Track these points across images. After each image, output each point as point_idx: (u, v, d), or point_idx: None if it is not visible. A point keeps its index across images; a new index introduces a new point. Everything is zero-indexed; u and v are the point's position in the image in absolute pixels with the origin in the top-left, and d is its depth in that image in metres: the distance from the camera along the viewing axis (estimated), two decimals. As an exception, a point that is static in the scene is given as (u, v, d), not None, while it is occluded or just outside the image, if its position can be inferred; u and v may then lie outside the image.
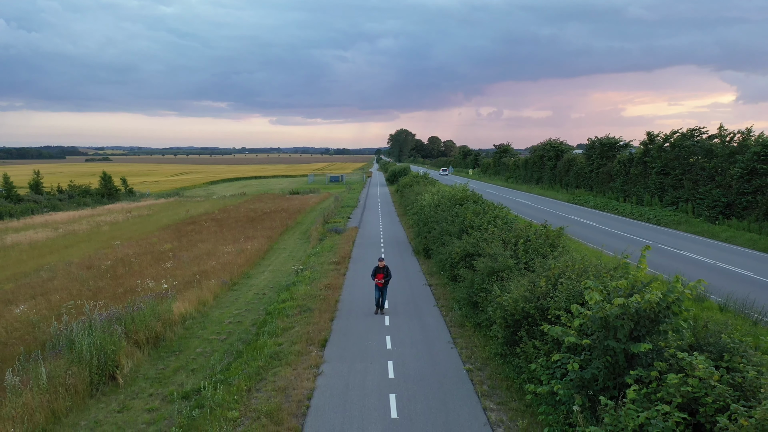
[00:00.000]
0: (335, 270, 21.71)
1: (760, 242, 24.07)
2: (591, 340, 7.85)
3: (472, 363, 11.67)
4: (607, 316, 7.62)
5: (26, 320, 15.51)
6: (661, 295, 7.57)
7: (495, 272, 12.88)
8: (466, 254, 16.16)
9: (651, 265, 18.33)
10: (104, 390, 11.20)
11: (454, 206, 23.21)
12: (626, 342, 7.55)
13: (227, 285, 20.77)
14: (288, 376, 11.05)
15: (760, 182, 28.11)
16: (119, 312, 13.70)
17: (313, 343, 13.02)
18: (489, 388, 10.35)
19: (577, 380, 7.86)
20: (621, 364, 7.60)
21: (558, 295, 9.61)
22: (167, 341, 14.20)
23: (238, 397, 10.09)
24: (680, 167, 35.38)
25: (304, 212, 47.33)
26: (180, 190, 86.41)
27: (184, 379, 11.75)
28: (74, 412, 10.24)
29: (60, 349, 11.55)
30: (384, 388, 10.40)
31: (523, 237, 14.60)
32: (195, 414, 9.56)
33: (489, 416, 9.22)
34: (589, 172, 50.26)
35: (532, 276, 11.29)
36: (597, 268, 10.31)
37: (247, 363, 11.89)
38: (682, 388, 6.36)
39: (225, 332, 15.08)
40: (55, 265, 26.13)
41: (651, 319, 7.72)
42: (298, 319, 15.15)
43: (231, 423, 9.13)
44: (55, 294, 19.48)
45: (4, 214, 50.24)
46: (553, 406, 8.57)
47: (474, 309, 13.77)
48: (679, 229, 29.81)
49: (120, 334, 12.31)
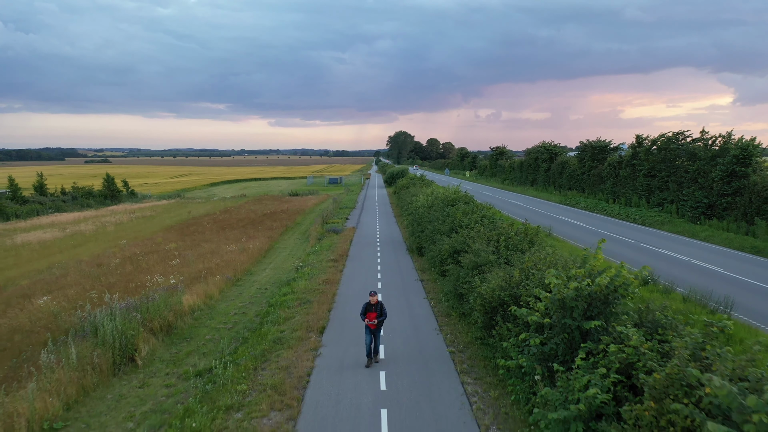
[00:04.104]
0: (333, 267, 23.02)
1: (735, 241, 25.42)
2: (552, 320, 9.17)
3: (455, 346, 12.99)
4: (564, 297, 8.93)
5: (48, 311, 16.78)
6: (609, 280, 8.89)
7: (478, 266, 14.20)
8: (454, 251, 17.48)
9: (629, 262, 19.74)
10: (125, 370, 12.48)
11: (446, 207, 24.52)
12: (580, 320, 8.87)
13: (231, 281, 22.06)
14: (290, 357, 12.36)
15: (738, 184, 29.48)
16: (135, 302, 14.99)
17: (312, 330, 14.32)
18: (468, 367, 11.66)
19: (539, 354, 9.17)
20: (576, 339, 8.91)
21: (529, 284, 10.92)
22: (178, 329, 15.49)
23: (246, 374, 11.39)
24: (666, 170, 36.74)
25: (303, 213, 48.63)
26: (181, 192, 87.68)
27: (196, 360, 13.03)
28: (100, 387, 11.54)
29: (86, 333, 12.84)
30: (375, 367, 11.69)
31: (505, 234, 15.91)
32: (208, 388, 10.87)
33: (466, 388, 10.55)
34: (581, 174, 51.62)
35: (509, 269, 12.61)
36: (565, 260, 11.62)
37: (253, 347, 13.19)
38: (619, 355, 7.68)
39: (231, 322, 16.37)
40: (66, 263, 27.40)
41: (602, 301, 9.03)
42: (298, 309, 16.45)
43: (241, 394, 10.44)
44: (70, 289, 20.75)
45: (10, 215, 51.50)
46: (520, 378, 9.89)
47: (459, 300, 15.08)
48: (662, 229, 31.16)
49: (138, 321, 13.61)
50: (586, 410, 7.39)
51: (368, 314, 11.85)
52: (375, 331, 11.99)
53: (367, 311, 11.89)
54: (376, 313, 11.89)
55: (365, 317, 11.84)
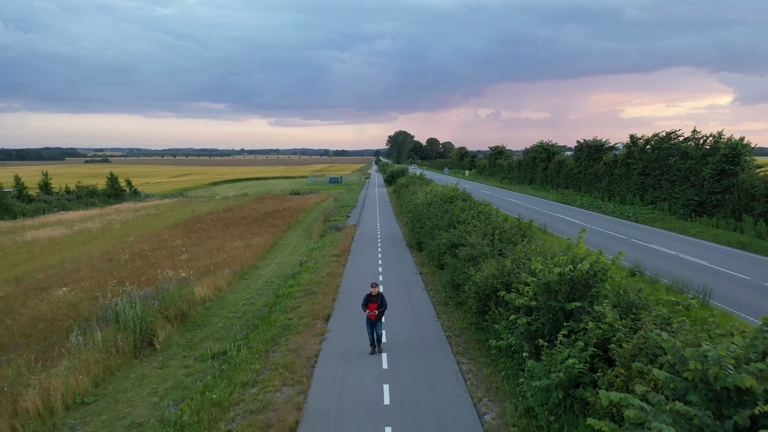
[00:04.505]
0: (336, 261, 23.97)
1: (723, 237, 26.39)
2: (538, 302, 10.12)
3: (451, 332, 13.94)
4: (549, 282, 9.88)
5: (67, 301, 17.74)
6: (589, 266, 9.84)
7: (473, 258, 15.15)
8: (452, 245, 18.43)
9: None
10: (145, 353, 13.44)
11: (445, 204, 25.48)
12: (564, 302, 9.82)
13: (238, 274, 23.01)
14: (298, 341, 13.31)
15: (728, 182, 30.45)
16: (152, 292, 15.94)
17: (318, 318, 15.28)
18: (463, 349, 12.62)
19: (527, 333, 10.12)
20: (560, 319, 9.86)
21: (519, 272, 11.87)
22: (191, 318, 16.45)
23: (258, 356, 12.34)
24: (659, 168, 37.70)
25: (305, 211, 49.59)
26: (183, 191, 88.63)
27: (211, 345, 13.98)
28: (124, 368, 12.50)
29: (108, 319, 13.80)
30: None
31: (499, 228, 16.86)
32: (224, 367, 11.84)
33: (461, 367, 11.51)
34: (577, 173, 52.59)
35: (502, 260, 13.56)
36: (553, 251, 12.58)
37: (264, 332, 14.15)
38: (596, 332, 8.63)
39: (241, 311, 17.32)
40: (77, 259, 28.36)
41: (583, 284, 9.98)
42: (304, 300, 17.40)
43: (254, 372, 11.40)
44: (85, 282, 21.71)
45: (18, 214, 52.46)
46: (510, 357, 10.85)
47: (456, 290, 16.03)
48: (654, 225, 32.13)
49: (156, 308, 14.57)
50: (566, 379, 8.34)
51: (369, 305, 12.13)
52: (375, 321, 12.28)
53: (369, 302, 12.15)
54: (377, 304, 12.13)
55: (366, 308, 12.15)
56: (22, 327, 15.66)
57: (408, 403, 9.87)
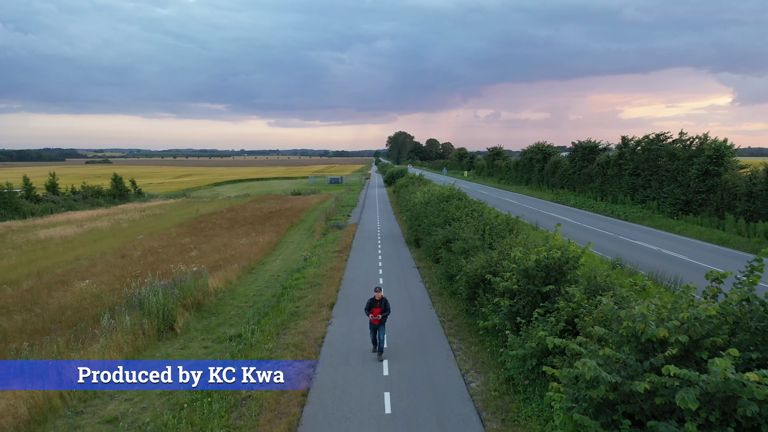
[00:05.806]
0: (338, 256, 25.40)
1: (705, 234, 27.84)
2: (519, 286, 11.54)
3: (444, 317, 15.38)
4: (527, 268, 11.30)
5: (90, 292, 19.15)
6: (561, 253, 11.26)
7: (465, 251, 16.58)
8: (446, 240, 19.85)
9: (606, 252, 22.09)
10: (167, 336, 14.86)
11: (441, 202, 26.92)
12: (540, 286, 11.24)
13: (246, 269, 24.43)
14: (306, 325, 14.74)
15: (712, 182, 31.89)
16: (170, 283, 17.36)
17: (323, 306, 16.70)
18: (455, 331, 14.05)
19: (508, 313, 11.54)
20: (537, 301, 11.28)
21: (504, 262, 13.29)
22: (206, 307, 17.86)
23: (270, 338, 13.77)
24: (649, 169, 39.15)
25: (306, 211, 51.03)
26: (186, 191, 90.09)
27: (226, 329, 15.40)
28: (149, 348, 13.92)
29: (134, 306, 15.22)
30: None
31: (490, 224, 18.30)
32: (241, 347, 13.25)
33: (452, 345, 12.94)
34: (572, 173, 54.02)
35: (491, 252, 14.98)
36: (536, 243, 14.00)
37: (274, 318, 15.59)
38: (566, 310, 10.05)
39: (251, 301, 18.74)
40: (91, 255, 29.77)
41: (557, 270, 11.40)
42: (310, 290, 18.83)
43: (268, 351, 12.83)
44: (102, 276, 23.11)
45: (27, 213, 53.89)
46: (494, 336, 12.28)
47: (449, 281, 17.45)
48: (642, 223, 33.57)
49: (176, 296, 15.99)
50: (538, 349, 9.76)
51: (373, 309, 12.07)
52: (379, 326, 12.24)
53: (372, 306, 12.10)
54: (381, 308, 12.06)
55: (370, 312, 12.09)
56: (51, 314, 17.06)
57: (405, 375, 11.30)
